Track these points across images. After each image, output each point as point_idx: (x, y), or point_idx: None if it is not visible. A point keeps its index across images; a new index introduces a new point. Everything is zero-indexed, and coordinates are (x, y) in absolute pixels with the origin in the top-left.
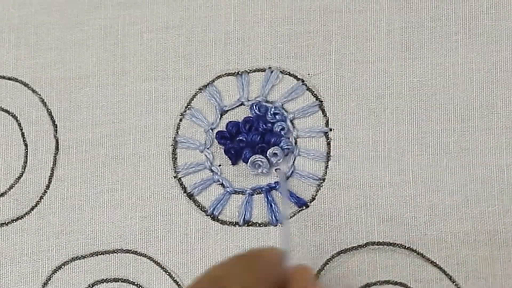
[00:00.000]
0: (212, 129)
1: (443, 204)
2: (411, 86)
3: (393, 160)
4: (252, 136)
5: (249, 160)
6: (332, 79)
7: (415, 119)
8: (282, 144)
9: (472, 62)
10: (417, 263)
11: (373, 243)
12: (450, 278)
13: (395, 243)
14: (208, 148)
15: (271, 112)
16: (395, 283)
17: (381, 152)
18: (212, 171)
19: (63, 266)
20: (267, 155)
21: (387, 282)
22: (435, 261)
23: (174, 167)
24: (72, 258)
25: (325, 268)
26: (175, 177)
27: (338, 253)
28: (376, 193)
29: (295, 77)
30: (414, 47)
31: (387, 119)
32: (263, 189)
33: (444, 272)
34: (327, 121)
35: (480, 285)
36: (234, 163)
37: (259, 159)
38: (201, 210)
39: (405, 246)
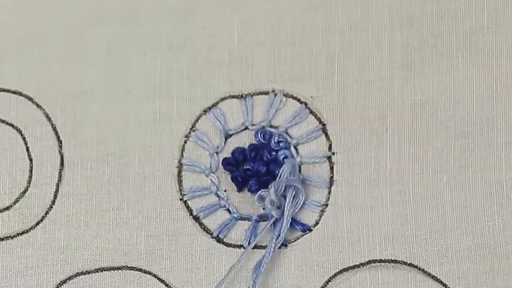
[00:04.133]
0: (217, 153)
1: (444, 220)
2: (412, 105)
3: (394, 181)
4: (258, 167)
5: (256, 195)
6: (335, 101)
7: (416, 137)
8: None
9: (472, 78)
10: (419, 278)
11: (374, 261)
12: None
13: (397, 260)
14: (213, 173)
15: (275, 140)
16: None
17: (382, 174)
18: (218, 196)
19: (67, 281)
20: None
21: None
22: (436, 275)
23: (180, 189)
24: (77, 273)
25: (327, 286)
26: (181, 199)
27: (341, 271)
28: (378, 213)
29: (298, 100)
30: (415, 65)
31: (388, 139)
32: (269, 216)
33: (445, 286)
34: (330, 145)
35: None
36: (240, 190)
37: (266, 193)
38: (206, 232)
39: (407, 263)
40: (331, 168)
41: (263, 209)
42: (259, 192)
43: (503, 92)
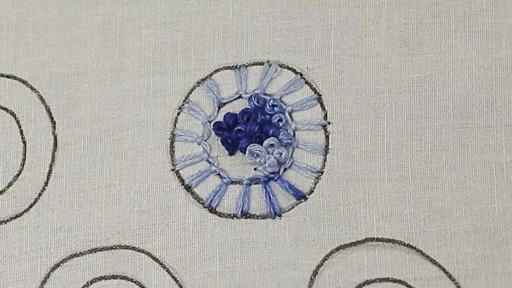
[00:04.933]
0: (209, 122)
1: (443, 201)
2: (410, 82)
3: (392, 155)
4: (250, 127)
5: (247, 149)
6: (331, 74)
7: (414, 115)
8: (281, 136)
9: (471, 59)
10: (417, 261)
11: (372, 239)
12: (450, 276)
13: (395, 240)
14: (205, 140)
15: (270, 104)
16: (394, 281)
17: (379, 147)
18: (209, 162)
19: (61, 264)
20: (264, 146)
21: (386, 279)
22: (434, 258)
23: (172, 160)
24: (71, 255)
25: (324, 264)
26: (172, 170)
27: (337, 249)
28: (375, 188)
29: (294, 70)
30: (414, 43)
31: (386, 114)
32: (261, 179)
33: (443, 270)
34: (326, 115)
35: (479, 284)
36: (231, 153)
37: (257, 148)
38: (198, 202)
39: (405, 243)
40: (327, 137)
41: (255, 169)
42: (249, 146)
43: (502, 75)
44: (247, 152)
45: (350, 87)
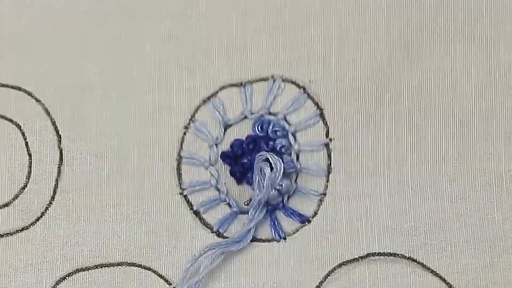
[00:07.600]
0: (216, 145)
1: (443, 212)
2: (410, 90)
3: (392, 170)
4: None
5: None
6: (332, 83)
7: (413, 124)
8: (284, 165)
9: (470, 65)
10: (418, 273)
11: (373, 254)
12: (451, 286)
13: (396, 253)
14: (212, 165)
15: (271, 129)
16: None
17: (380, 162)
18: (218, 189)
19: (67, 277)
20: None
21: None
22: (435, 270)
23: (180, 183)
24: (77, 269)
25: (326, 280)
26: (180, 193)
27: (340, 265)
28: (376, 203)
29: (297, 85)
30: (413, 50)
31: (386, 124)
32: (268, 208)
33: (444, 280)
34: (328, 131)
35: None
36: (239, 182)
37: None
38: (206, 227)
39: (406, 256)
40: (329, 156)
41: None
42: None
43: (502, 82)
44: (254, 187)
45: (351, 96)
